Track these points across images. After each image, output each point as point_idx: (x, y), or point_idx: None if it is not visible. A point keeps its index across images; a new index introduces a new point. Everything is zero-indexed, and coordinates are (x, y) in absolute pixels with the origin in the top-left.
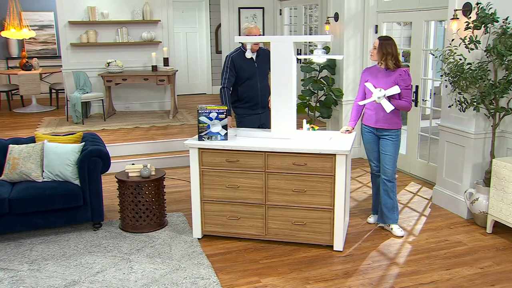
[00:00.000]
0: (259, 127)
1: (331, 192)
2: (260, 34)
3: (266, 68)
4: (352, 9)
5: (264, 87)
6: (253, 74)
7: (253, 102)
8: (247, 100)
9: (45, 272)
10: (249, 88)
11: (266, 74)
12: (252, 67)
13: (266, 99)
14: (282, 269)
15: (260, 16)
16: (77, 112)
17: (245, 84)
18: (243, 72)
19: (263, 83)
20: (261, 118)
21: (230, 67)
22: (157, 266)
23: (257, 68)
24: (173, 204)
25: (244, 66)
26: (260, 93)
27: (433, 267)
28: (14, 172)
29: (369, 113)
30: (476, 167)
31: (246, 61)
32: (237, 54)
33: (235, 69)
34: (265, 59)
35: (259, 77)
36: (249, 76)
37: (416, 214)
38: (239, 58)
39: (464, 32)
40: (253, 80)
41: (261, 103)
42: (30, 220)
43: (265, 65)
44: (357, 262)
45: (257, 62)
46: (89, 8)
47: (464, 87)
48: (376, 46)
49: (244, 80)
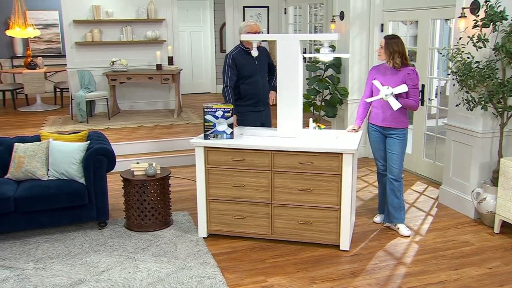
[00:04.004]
0: (261, 125)
1: (338, 191)
2: (261, 30)
3: (265, 65)
4: (358, 8)
5: (264, 84)
6: (255, 71)
7: (255, 99)
8: (250, 97)
9: (51, 270)
10: (251, 86)
11: (265, 71)
12: (253, 64)
13: (267, 96)
14: (289, 268)
15: (264, 15)
16: (81, 110)
17: (247, 82)
18: (245, 69)
19: (263, 80)
20: (263, 115)
21: (232, 65)
22: (163, 265)
23: (258, 66)
24: (178, 203)
25: (245, 64)
26: (262, 90)
27: (440, 267)
28: (19, 170)
29: (376, 111)
30: (484, 167)
31: (247, 58)
32: (237, 52)
33: (237, 67)
34: (264, 56)
35: (260, 74)
36: (250, 74)
37: (423, 213)
38: (240, 56)
39: (472, 30)
40: (255, 77)
41: (263, 100)
42: (35, 218)
43: (264, 62)
44: (364, 261)
45: (257, 60)
46: (93, 7)
47: (472, 86)
48: (383, 45)
49: (246, 77)
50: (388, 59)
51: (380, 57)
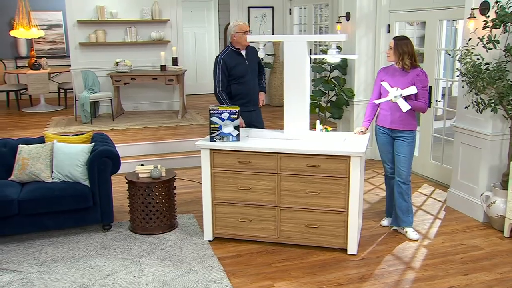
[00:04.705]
0: (251, 127)
1: (345, 195)
2: (250, 30)
3: (256, 65)
4: (364, 8)
5: (255, 84)
6: (246, 71)
7: (246, 99)
8: (241, 97)
9: (55, 274)
10: (242, 86)
11: (256, 71)
12: (244, 64)
13: (257, 96)
14: (296, 273)
15: (269, 16)
16: (85, 111)
17: (238, 82)
18: (236, 70)
19: (254, 80)
20: (253, 116)
21: (222, 68)
22: (168, 269)
23: (248, 66)
24: (183, 206)
25: (236, 65)
26: (253, 90)
27: (450, 272)
28: (23, 172)
29: (384, 113)
30: (493, 170)
31: (238, 59)
32: (227, 54)
33: (227, 70)
34: (254, 56)
35: (250, 74)
36: (241, 74)
37: (431, 217)
38: (230, 58)
39: (482, 31)
40: (246, 77)
41: (253, 100)
42: (39, 221)
43: (254, 62)
44: (372, 266)
45: (247, 60)
46: (98, 8)
47: (481, 88)
48: (392, 46)
49: (237, 78)
50: (397, 60)
51: (389, 58)
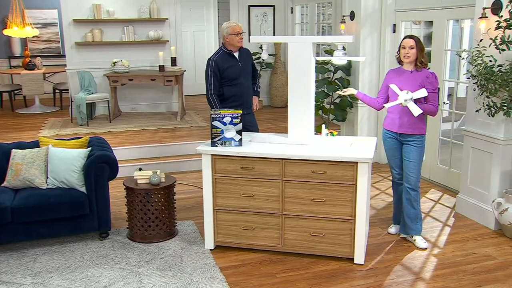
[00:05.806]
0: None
1: (352, 202)
2: (243, 31)
3: (249, 67)
4: (369, 7)
5: (249, 86)
6: (239, 73)
7: (239, 102)
8: (234, 99)
9: (49, 286)
10: (236, 88)
11: (249, 73)
12: (237, 66)
13: (251, 99)
14: (301, 283)
15: (270, 15)
16: (81, 113)
17: (231, 84)
18: (229, 73)
19: (248, 82)
20: (246, 119)
21: (215, 70)
22: (168, 279)
23: (242, 68)
24: (183, 212)
25: (229, 67)
26: (246, 93)
27: (462, 284)
28: (17, 178)
29: (392, 117)
30: (505, 175)
31: (231, 61)
32: (219, 56)
33: (220, 72)
34: (247, 58)
35: (244, 77)
36: (235, 76)
37: (439, 224)
38: (222, 60)
39: (494, 32)
40: (239, 79)
41: (246, 103)
42: (33, 229)
43: (248, 64)
44: (380, 276)
45: (240, 62)
46: (94, 6)
47: (493, 91)
48: (413, 45)
49: (230, 80)
50: (419, 59)
51: (409, 58)
